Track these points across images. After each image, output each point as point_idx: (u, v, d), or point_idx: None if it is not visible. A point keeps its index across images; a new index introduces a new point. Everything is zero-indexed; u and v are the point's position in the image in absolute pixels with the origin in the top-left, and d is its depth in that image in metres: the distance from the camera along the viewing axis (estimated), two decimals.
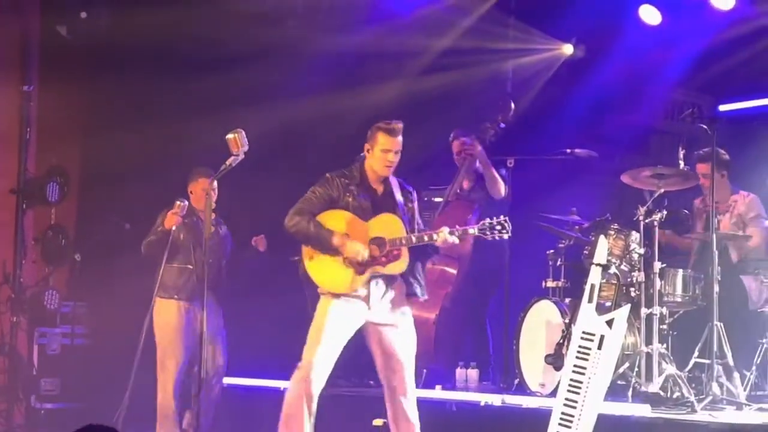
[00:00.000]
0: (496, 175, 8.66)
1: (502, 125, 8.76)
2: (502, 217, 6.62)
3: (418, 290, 6.75)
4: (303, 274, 6.78)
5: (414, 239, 6.60)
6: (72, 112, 10.29)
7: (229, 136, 6.15)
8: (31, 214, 10.37)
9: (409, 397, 6.69)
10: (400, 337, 6.70)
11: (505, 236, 6.62)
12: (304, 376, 6.60)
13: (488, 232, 6.61)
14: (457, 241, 6.59)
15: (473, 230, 6.64)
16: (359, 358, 7.07)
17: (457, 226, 6.67)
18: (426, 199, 9.01)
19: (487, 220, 6.62)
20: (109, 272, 9.81)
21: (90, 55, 10.25)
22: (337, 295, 6.65)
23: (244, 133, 6.18)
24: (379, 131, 6.67)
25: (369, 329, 6.70)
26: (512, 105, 8.87)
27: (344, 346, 6.68)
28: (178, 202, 8.00)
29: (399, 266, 6.62)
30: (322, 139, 9.86)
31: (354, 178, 6.75)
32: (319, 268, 6.71)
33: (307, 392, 6.58)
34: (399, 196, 6.80)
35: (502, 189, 8.63)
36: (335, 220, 6.66)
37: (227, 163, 6.18)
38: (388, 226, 6.65)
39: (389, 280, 6.67)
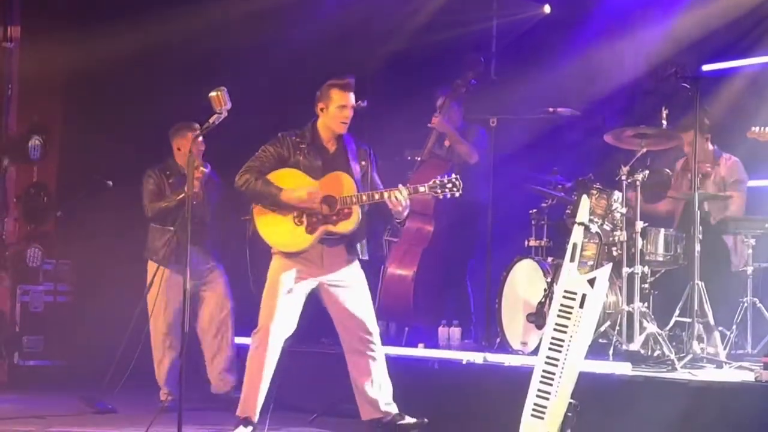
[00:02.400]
0: (463, 142, 8.70)
1: (474, 81, 8.79)
2: (453, 176, 6.61)
3: (357, 248, 6.75)
4: (253, 233, 6.78)
5: (365, 197, 6.59)
6: (53, 69, 10.22)
7: (212, 93, 6.10)
8: (12, 172, 10.32)
9: (369, 354, 6.74)
10: (353, 295, 6.72)
11: (456, 194, 6.61)
12: (261, 343, 6.64)
13: (439, 190, 6.60)
14: (404, 201, 6.53)
15: (423, 188, 6.62)
16: None
17: (409, 185, 6.67)
18: (409, 158, 9.03)
19: (438, 179, 6.61)
20: (91, 230, 9.81)
21: (71, 11, 10.18)
22: (288, 255, 6.66)
23: (226, 90, 6.14)
24: (332, 88, 6.69)
25: (322, 289, 6.74)
26: (482, 61, 8.89)
27: (302, 305, 6.71)
28: (202, 168, 7.92)
29: (349, 225, 6.62)
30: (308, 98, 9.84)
31: (305, 137, 6.76)
32: (270, 227, 6.71)
33: (263, 358, 6.61)
34: (352, 155, 6.79)
35: (470, 156, 8.67)
36: (285, 179, 6.66)
37: (210, 121, 6.14)
38: (338, 184, 6.64)
39: (339, 239, 6.68)
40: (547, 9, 9.90)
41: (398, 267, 8.77)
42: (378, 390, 6.78)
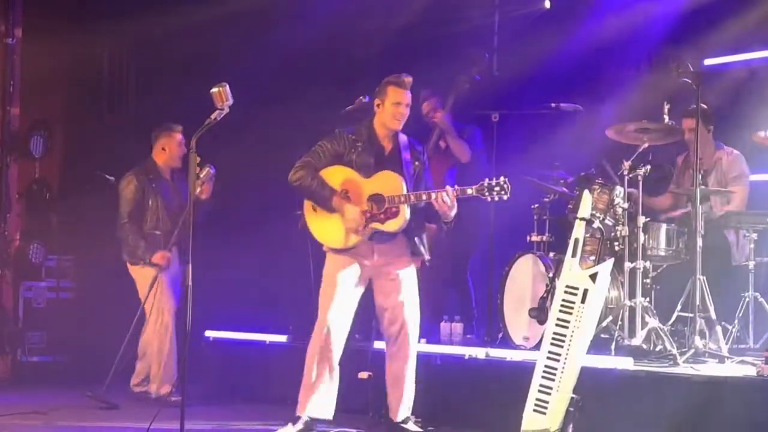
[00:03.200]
0: (458, 141, 8.71)
1: (477, 78, 8.79)
2: (502, 178, 6.60)
3: (422, 249, 6.80)
4: (303, 227, 6.83)
5: (413, 197, 6.62)
6: (56, 65, 10.23)
7: (214, 89, 6.08)
8: (15, 168, 10.33)
9: (400, 353, 6.79)
10: (397, 293, 6.77)
11: (505, 197, 6.61)
12: (321, 336, 6.69)
13: (487, 193, 6.61)
14: (449, 202, 6.58)
15: (471, 190, 6.64)
16: None
17: (457, 186, 6.69)
18: None
19: (486, 181, 6.61)
20: (94, 226, 9.80)
21: (73, 7, 10.19)
22: (339, 251, 6.71)
23: (228, 86, 6.13)
24: (389, 85, 6.74)
25: (372, 282, 6.81)
26: (486, 57, 8.88)
27: (358, 300, 6.79)
28: (207, 169, 7.85)
29: (396, 223, 6.64)
30: (309, 91, 9.84)
31: (362, 134, 6.79)
32: (320, 224, 6.76)
33: (325, 351, 6.68)
34: (406, 154, 6.83)
35: (463, 155, 8.68)
36: (335, 176, 6.71)
37: (212, 117, 6.10)
38: (387, 183, 6.67)
39: (389, 237, 6.71)
40: (547, 4, 9.89)
41: None
42: (401, 392, 6.81)
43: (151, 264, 8.04)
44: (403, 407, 6.81)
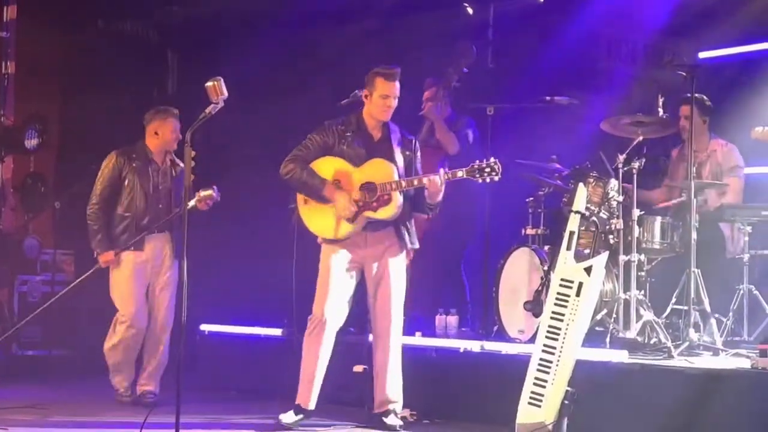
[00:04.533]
0: (447, 133, 8.69)
1: (465, 70, 8.78)
2: (492, 159, 6.64)
3: (407, 238, 6.80)
4: (297, 220, 6.85)
5: (404, 183, 6.64)
6: (50, 59, 10.21)
7: (209, 83, 6.05)
8: (9, 162, 10.32)
9: (384, 343, 6.79)
10: (386, 282, 6.79)
11: (496, 179, 6.65)
12: (316, 328, 6.72)
13: (477, 175, 6.63)
14: (439, 186, 6.61)
15: (462, 173, 6.68)
16: None
17: (447, 169, 6.74)
18: None
19: (477, 163, 6.66)
20: None
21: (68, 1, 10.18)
22: (333, 242, 6.73)
23: (223, 80, 6.11)
24: (377, 76, 6.75)
25: (365, 271, 6.82)
26: (474, 50, 8.87)
27: (353, 291, 6.81)
28: (211, 191, 7.54)
29: (389, 211, 6.66)
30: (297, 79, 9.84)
31: (351, 124, 6.82)
32: (313, 216, 6.78)
33: (319, 344, 6.70)
34: (396, 143, 6.84)
35: (450, 146, 8.68)
36: (326, 167, 6.73)
37: (206, 111, 6.05)
38: (378, 171, 6.70)
39: (382, 225, 6.73)
40: None
41: None
42: (382, 384, 6.81)
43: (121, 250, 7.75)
44: (383, 399, 6.81)
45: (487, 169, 6.63)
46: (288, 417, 6.72)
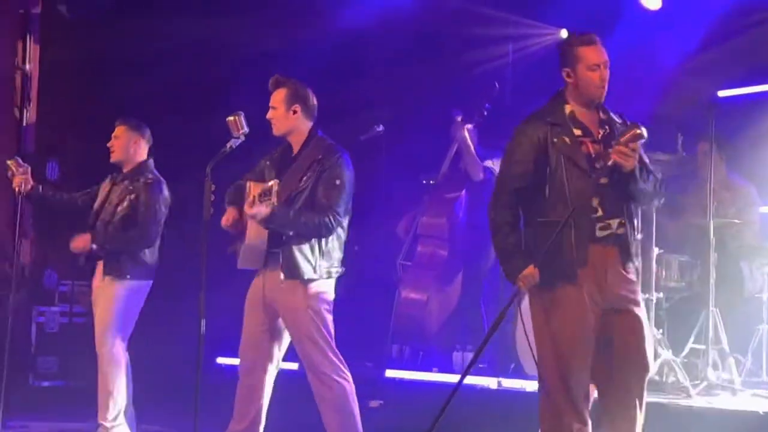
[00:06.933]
0: (474, 158, 8.72)
1: (488, 105, 8.82)
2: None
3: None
4: None
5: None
6: (72, 91, 10.27)
7: (230, 118, 6.09)
8: None
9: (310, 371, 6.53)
10: (288, 314, 6.47)
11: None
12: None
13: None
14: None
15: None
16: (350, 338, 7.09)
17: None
18: (424, 182, 9.05)
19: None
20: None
21: (91, 35, 10.24)
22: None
23: (243, 114, 6.15)
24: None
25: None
26: (496, 87, 8.91)
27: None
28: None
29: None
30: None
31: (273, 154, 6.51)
32: None
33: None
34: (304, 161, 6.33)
35: (475, 172, 8.68)
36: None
37: (227, 146, 6.10)
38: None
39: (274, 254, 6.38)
40: (563, 33, 9.93)
41: (412, 291, 8.78)
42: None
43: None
44: None
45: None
46: None
